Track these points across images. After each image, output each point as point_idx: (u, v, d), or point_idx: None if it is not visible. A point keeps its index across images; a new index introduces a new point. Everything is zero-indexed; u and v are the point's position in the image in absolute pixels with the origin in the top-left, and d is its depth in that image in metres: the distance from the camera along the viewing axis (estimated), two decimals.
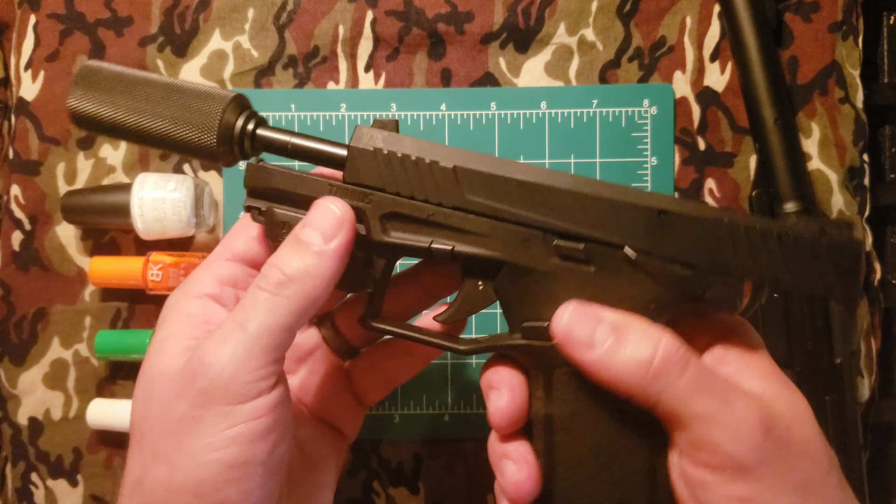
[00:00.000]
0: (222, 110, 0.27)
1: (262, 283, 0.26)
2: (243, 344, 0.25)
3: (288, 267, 0.25)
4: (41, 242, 0.45)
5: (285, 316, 0.25)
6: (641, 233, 0.26)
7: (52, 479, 0.45)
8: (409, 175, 0.27)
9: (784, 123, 0.42)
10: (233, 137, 0.28)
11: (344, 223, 0.26)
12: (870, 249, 0.44)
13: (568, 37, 0.45)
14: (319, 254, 0.26)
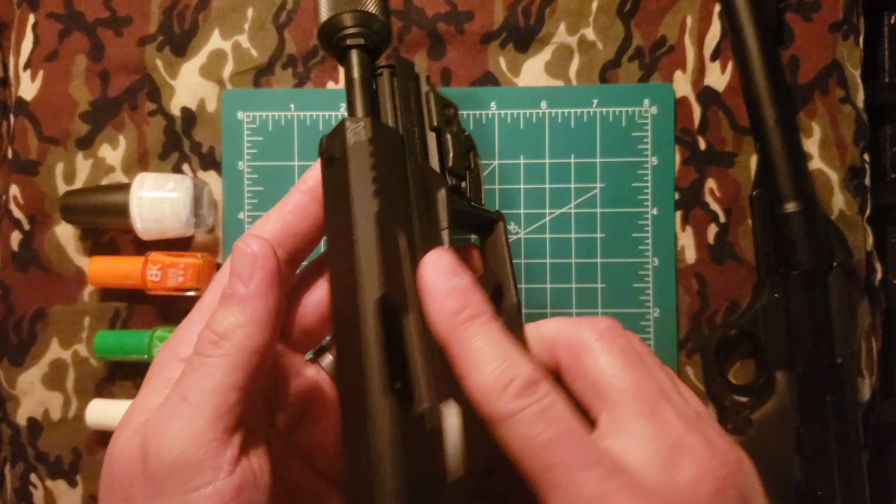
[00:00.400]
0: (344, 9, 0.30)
1: (198, 347, 0.24)
2: (186, 416, 0.22)
3: (217, 325, 0.24)
4: (40, 242, 0.45)
5: (225, 375, 0.23)
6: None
7: (51, 479, 0.45)
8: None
9: (785, 123, 0.42)
10: (331, 35, 0.30)
11: (258, 258, 0.24)
12: (871, 249, 0.44)
13: (568, 36, 0.45)
14: (242, 299, 0.24)
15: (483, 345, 0.23)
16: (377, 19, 0.32)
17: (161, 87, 0.45)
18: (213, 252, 0.45)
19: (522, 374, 0.22)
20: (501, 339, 0.23)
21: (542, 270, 0.45)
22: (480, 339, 0.23)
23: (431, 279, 0.24)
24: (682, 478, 0.21)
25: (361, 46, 0.31)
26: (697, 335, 0.45)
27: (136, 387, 0.45)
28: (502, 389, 0.22)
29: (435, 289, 0.24)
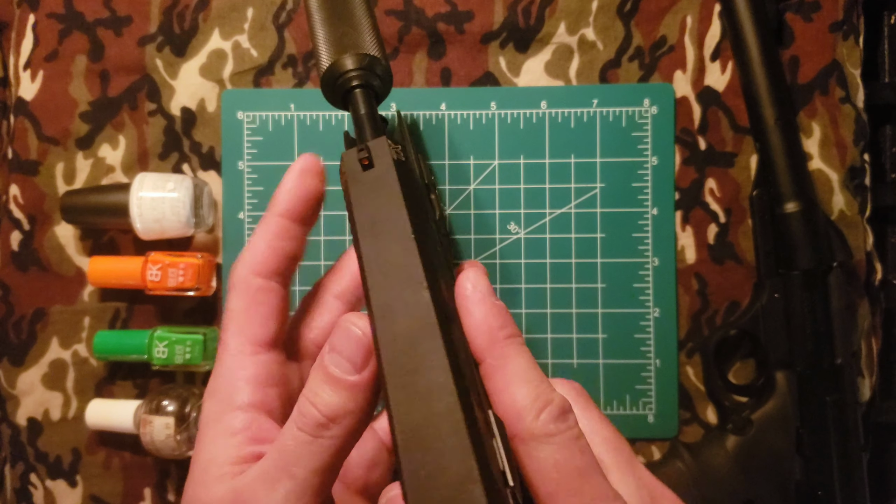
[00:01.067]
0: (345, 53, 0.31)
1: (300, 422, 0.23)
2: (294, 493, 0.23)
3: (324, 406, 0.23)
4: (40, 242, 0.45)
5: (332, 457, 0.23)
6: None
7: (51, 479, 0.45)
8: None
9: (785, 123, 0.42)
10: (335, 80, 0.31)
11: (369, 345, 0.24)
12: (871, 250, 0.44)
13: (568, 36, 0.45)
14: (353, 387, 0.23)
15: (521, 364, 0.24)
16: (380, 63, 0.32)
17: (161, 87, 0.45)
18: (213, 252, 0.45)
19: (557, 399, 0.23)
20: (535, 364, 0.24)
21: (542, 270, 0.45)
22: (520, 359, 0.24)
23: (474, 293, 0.25)
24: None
25: (366, 86, 0.31)
26: (697, 335, 0.45)
27: (136, 387, 0.45)
28: (539, 410, 0.22)
29: (479, 301, 0.24)
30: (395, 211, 0.25)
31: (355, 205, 0.26)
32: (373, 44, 0.32)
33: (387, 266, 0.24)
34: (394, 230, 0.25)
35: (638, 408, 0.44)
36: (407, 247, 0.24)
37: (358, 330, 0.24)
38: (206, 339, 0.43)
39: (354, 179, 0.26)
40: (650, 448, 0.45)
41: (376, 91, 0.32)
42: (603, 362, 0.44)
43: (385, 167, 0.26)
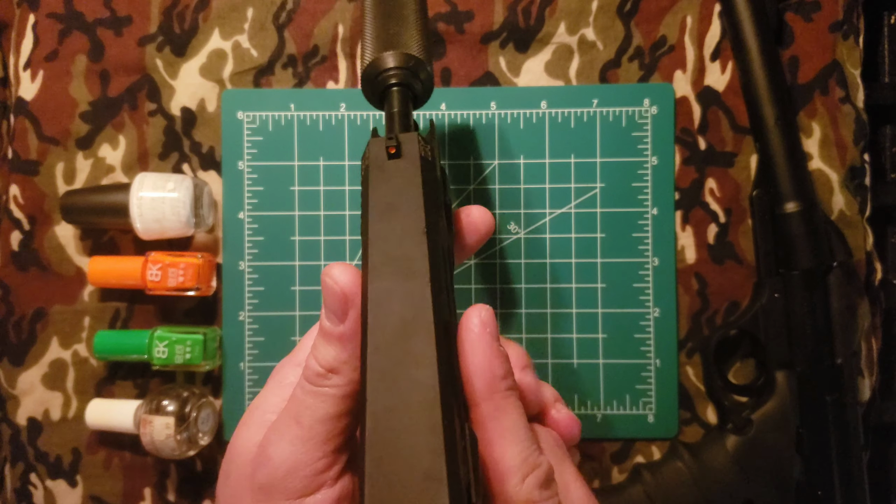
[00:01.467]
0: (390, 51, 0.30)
1: (305, 374, 0.25)
2: (300, 438, 0.24)
3: (322, 358, 0.25)
4: (40, 242, 0.45)
5: (335, 405, 0.24)
6: None
7: (51, 479, 0.45)
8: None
9: (785, 123, 0.42)
10: (375, 76, 0.30)
11: (348, 296, 0.25)
12: (871, 250, 0.44)
13: (568, 36, 0.45)
14: (341, 337, 0.25)
15: (515, 421, 0.24)
16: (424, 68, 0.31)
17: (161, 87, 0.45)
18: (213, 252, 0.45)
19: (544, 466, 0.23)
20: (525, 421, 0.24)
21: (542, 270, 0.45)
22: (515, 414, 0.24)
23: (483, 333, 0.24)
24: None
25: (405, 85, 0.30)
26: (697, 335, 0.45)
27: (136, 387, 0.45)
28: (525, 475, 0.22)
29: (487, 344, 0.24)
30: (412, 201, 0.25)
31: (372, 188, 0.25)
32: (420, 48, 0.32)
33: (392, 253, 0.24)
34: (406, 220, 0.24)
35: (638, 408, 0.44)
36: (417, 240, 0.24)
37: (335, 284, 0.25)
38: (207, 338, 0.43)
39: (377, 165, 0.26)
40: (650, 448, 0.45)
41: (415, 94, 0.31)
42: (603, 362, 0.44)
43: (411, 158, 0.26)
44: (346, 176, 0.45)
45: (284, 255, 0.45)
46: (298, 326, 0.45)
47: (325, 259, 0.45)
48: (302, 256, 0.45)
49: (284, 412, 0.25)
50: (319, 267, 0.45)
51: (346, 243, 0.45)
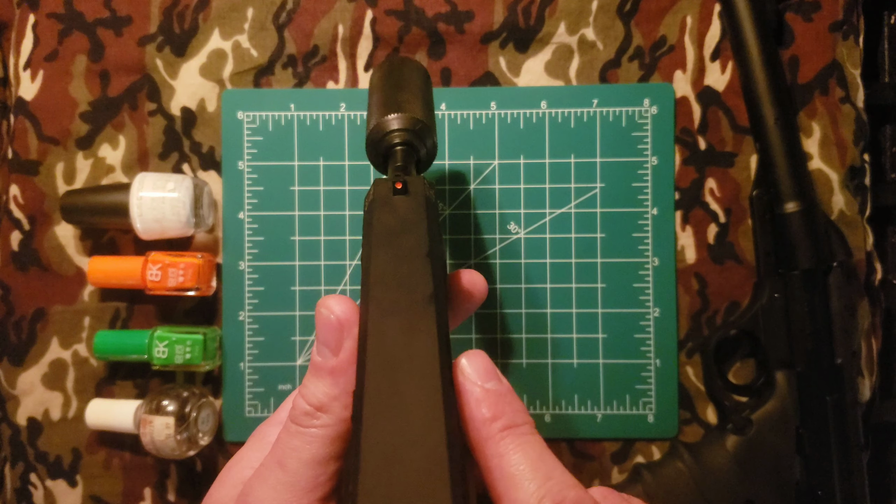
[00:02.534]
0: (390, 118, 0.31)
1: (292, 415, 0.24)
2: (283, 483, 0.22)
3: (311, 396, 0.23)
4: (40, 242, 0.45)
5: (323, 447, 0.23)
6: None
7: (51, 479, 0.45)
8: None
9: (785, 123, 0.42)
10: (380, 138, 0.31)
11: (343, 325, 0.23)
12: (871, 250, 0.44)
13: (568, 36, 0.45)
14: (333, 371, 0.23)
15: (521, 460, 0.21)
16: (430, 133, 0.31)
17: (161, 87, 0.45)
18: (213, 252, 0.45)
19: (569, 497, 0.20)
20: (544, 454, 0.21)
21: (542, 270, 0.45)
22: (518, 454, 0.21)
23: (464, 381, 0.23)
24: None
25: (408, 145, 0.30)
26: (697, 335, 0.45)
27: (136, 387, 0.45)
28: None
29: (468, 392, 0.22)
30: (415, 227, 0.24)
31: (376, 218, 0.25)
32: (425, 115, 0.32)
33: (394, 275, 0.23)
34: (409, 243, 0.24)
35: (638, 408, 0.44)
36: (420, 262, 0.23)
37: (331, 315, 0.23)
38: (206, 339, 0.43)
39: (382, 200, 0.26)
40: (650, 448, 0.45)
41: (419, 157, 0.31)
42: (603, 362, 0.44)
43: (417, 194, 0.25)
44: (346, 176, 0.45)
45: (284, 255, 0.45)
46: (298, 326, 0.45)
47: (325, 259, 0.45)
48: (302, 256, 0.45)
49: (268, 457, 0.23)
50: (319, 267, 0.45)
51: (345, 243, 0.45)
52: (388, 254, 0.24)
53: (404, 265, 0.23)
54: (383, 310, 0.22)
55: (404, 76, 0.35)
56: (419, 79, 0.36)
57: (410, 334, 0.21)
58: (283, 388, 0.45)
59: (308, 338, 0.45)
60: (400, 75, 0.35)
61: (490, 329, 0.45)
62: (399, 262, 0.23)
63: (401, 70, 0.36)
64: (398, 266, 0.23)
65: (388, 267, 0.23)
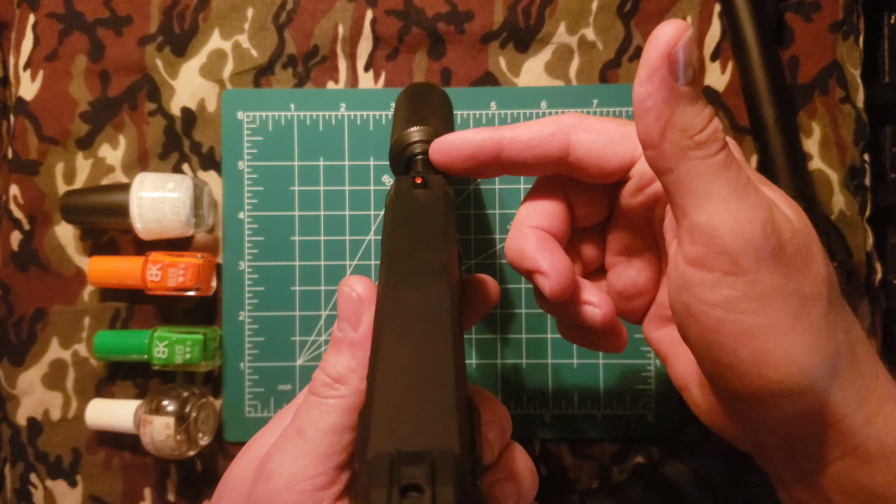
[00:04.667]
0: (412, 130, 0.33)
1: (311, 387, 0.25)
2: (301, 450, 0.24)
3: (331, 368, 0.25)
4: (40, 242, 0.45)
5: (340, 416, 0.24)
6: None
7: (51, 479, 0.45)
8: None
9: (785, 123, 0.42)
10: (402, 149, 0.33)
11: (363, 301, 0.25)
12: (871, 250, 0.44)
13: (568, 36, 0.45)
14: (352, 344, 0.25)
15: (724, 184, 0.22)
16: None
17: (161, 87, 0.45)
18: (213, 252, 0.45)
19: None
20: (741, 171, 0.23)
21: None
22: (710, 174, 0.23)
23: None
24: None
25: (428, 154, 0.32)
26: None
27: (136, 387, 0.45)
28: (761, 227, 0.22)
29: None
30: (433, 213, 0.26)
31: (395, 207, 0.27)
32: (447, 130, 0.34)
33: (409, 252, 0.24)
34: (426, 225, 0.25)
35: (638, 408, 0.44)
36: (434, 241, 0.25)
37: (353, 292, 0.25)
38: (207, 339, 0.43)
39: (401, 194, 0.27)
40: (650, 448, 0.45)
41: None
42: (603, 362, 0.44)
43: (436, 189, 0.27)
44: (346, 176, 0.45)
45: (284, 255, 0.45)
46: (298, 326, 0.45)
47: (325, 259, 0.45)
48: (302, 256, 0.45)
49: (287, 427, 0.25)
50: (319, 267, 0.45)
51: (346, 243, 0.45)
52: (406, 233, 0.25)
53: (420, 241, 0.25)
54: (399, 278, 0.23)
55: (427, 97, 0.38)
56: (441, 100, 0.38)
57: (424, 297, 0.22)
58: (283, 388, 0.45)
59: (308, 338, 0.45)
60: (423, 97, 0.38)
61: (490, 329, 0.45)
62: (416, 239, 0.25)
63: (424, 92, 0.39)
64: (415, 242, 0.25)
65: (406, 242, 0.25)
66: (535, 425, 0.44)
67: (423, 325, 0.21)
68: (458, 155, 0.29)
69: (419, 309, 0.22)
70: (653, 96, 0.22)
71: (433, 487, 0.16)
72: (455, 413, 0.18)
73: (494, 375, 0.44)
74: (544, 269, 0.27)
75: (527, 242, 0.28)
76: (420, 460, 0.17)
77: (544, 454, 0.45)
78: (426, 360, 0.20)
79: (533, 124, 0.28)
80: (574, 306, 0.28)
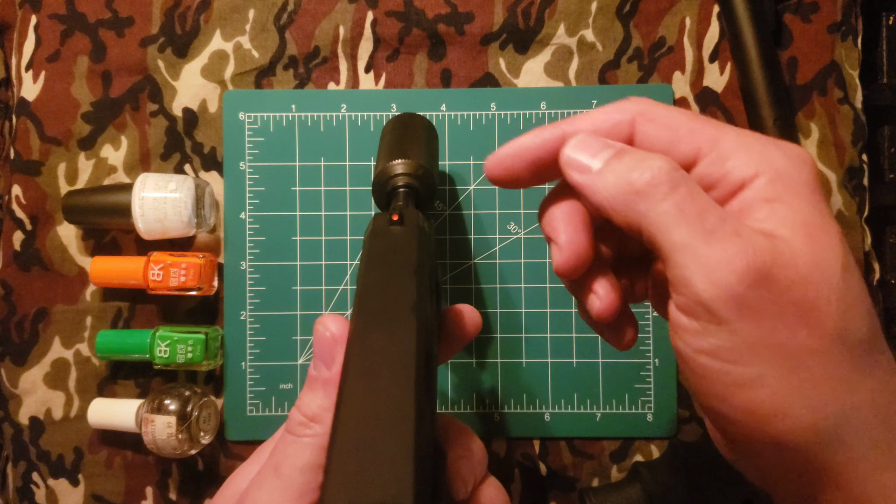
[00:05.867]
0: (393, 163, 0.34)
1: (287, 426, 0.25)
2: (277, 488, 0.24)
3: (306, 407, 0.25)
4: (42, 242, 0.45)
5: (315, 454, 0.24)
6: None
7: (53, 478, 0.45)
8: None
9: (783, 124, 0.42)
10: (385, 181, 0.34)
11: (337, 341, 0.25)
12: (869, 250, 0.45)
13: (567, 37, 0.45)
14: (326, 383, 0.25)
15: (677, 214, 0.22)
16: (429, 177, 0.34)
17: (163, 88, 0.46)
18: (214, 252, 0.45)
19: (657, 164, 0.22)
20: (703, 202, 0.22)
21: (542, 270, 0.45)
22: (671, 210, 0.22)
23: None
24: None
25: (409, 187, 0.34)
26: None
27: (137, 386, 0.45)
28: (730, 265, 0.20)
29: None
30: (405, 250, 0.26)
31: (371, 245, 0.27)
32: (429, 162, 0.35)
33: (380, 290, 0.25)
34: (397, 262, 0.26)
35: (637, 407, 0.45)
36: (405, 279, 0.25)
37: (328, 332, 0.25)
38: (208, 338, 0.43)
39: (378, 230, 0.28)
40: (649, 447, 0.45)
41: (421, 199, 0.34)
42: (602, 361, 0.45)
43: (411, 225, 0.28)
44: (347, 176, 0.45)
45: (286, 255, 0.45)
46: (299, 326, 0.45)
47: (325, 259, 0.45)
48: (303, 256, 0.45)
49: (265, 465, 0.25)
50: (320, 267, 0.45)
51: (346, 243, 0.45)
52: (379, 271, 0.26)
53: (391, 280, 0.25)
54: (368, 318, 0.23)
55: (410, 128, 0.39)
56: (425, 131, 0.39)
57: (390, 338, 0.22)
58: (284, 388, 0.45)
59: (309, 337, 0.45)
60: (407, 128, 0.39)
61: (490, 329, 0.45)
62: (387, 278, 0.25)
63: (408, 123, 0.40)
64: (386, 281, 0.25)
65: (377, 282, 0.25)
66: (535, 424, 0.45)
67: (388, 368, 0.21)
68: (522, 164, 0.26)
69: (385, 351, 0.22)
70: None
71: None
72: (411, 464, 0.19)
73: (494, 375, 0.45)
74: (560, 241, 0.26)
75: (557, 209, 0.26)
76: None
77: (544, 453, 0.45)
78: (387, 403, 0.20)
79: (594, 114, 0.25)
80: (582, 290, 0.27)
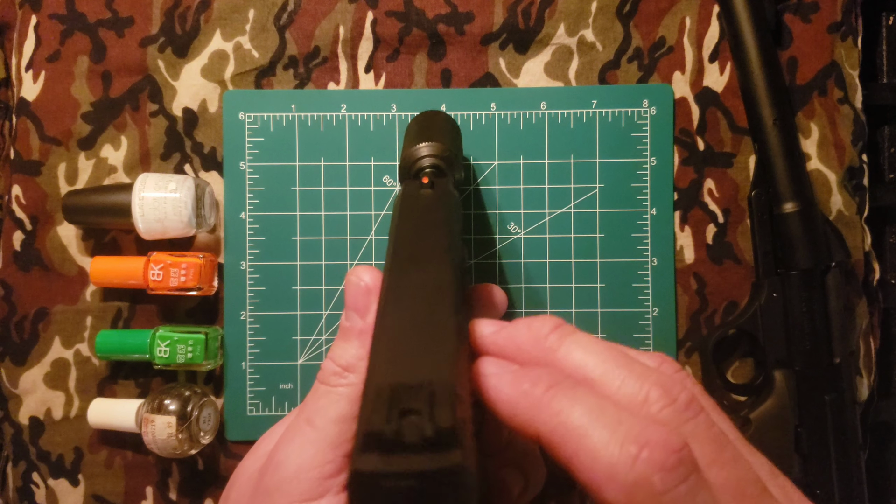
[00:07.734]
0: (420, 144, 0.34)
1: (320, 377, 0.25)
2: (310, 440, 0.24)
3: (339, 357, 0.25)
4: (42, 242, 0.45)
5: (349, 405, 0.24)
6: None
7: (53, 478, 0.45)
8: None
9: (783, 124, 0.42)
10: (412, 162, 0.34)
11: (371, 290, 0.25)
12: (869, 250, 0.45)
13: (567, 37, 0.45)
14: (361, 332, 0.25)
15: (582, 412, 0.19)
16: (456, 161, 0.34)
17: (163, 88, 0.46)
18: (214, 252, 0.45)
19: (656, 437, 0.18)
20: (603, 402, 0.19)
21: (542, 270, 0.45)
22: (578, 408, 0.19)
23: (484, 337, 0.23)
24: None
25: (436, 168, 0.34)
26: (696, 334, 0.45)
27: (138, 386, 0.45)
28: (633, 459, 0.18)
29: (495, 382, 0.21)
30: (436, 209, 0.27)
31: (403, 204, 0.28)
32: (454, 150, 0.35)
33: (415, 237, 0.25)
34: (430, 219, 0.26)
35: None
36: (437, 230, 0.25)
37: (361, 282, 0.25)
38: (208, 338, 0.43)
39: (409, 194, 0.28)
40: None
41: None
42: None
43: (442, 189, 0.28)
44: (347, 176, 0.45)
45: (286, 255, 0.45)
46: (300, 326, 0.45)
47: (326, 259, 0.45)
48: (303, 256, 0.45)
49: (295, 418, 0.25)
50: (320, 267, 0.45)
51: (346, 243, 0.45)
52: (410, 224, 0.26)
53: (423, 230, 0.26)
54: (402, 262, 0.24)
55: (436, 122, 0.39)
56: (450, 125, 0.39)
57: (426, 275, 0.23)
58: (284, 388, 0.45)
59: (309, 337, 0.45)
60: (433, 121, 0.39)
61: None
62: (419, 229, 0.26)
63: (434, 117, 0.40)
64: (419, 231, 0.26)
65: (410, 232, 0.26)
66: None
67: (425, 295, 0.22)
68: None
69: (421, 284, 0.22)
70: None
71: (431, 409, 0.17)
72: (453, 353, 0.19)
73: None
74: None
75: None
76: (419, 389, 0.18)
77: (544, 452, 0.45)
78: (426, 320, 0.21)
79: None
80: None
